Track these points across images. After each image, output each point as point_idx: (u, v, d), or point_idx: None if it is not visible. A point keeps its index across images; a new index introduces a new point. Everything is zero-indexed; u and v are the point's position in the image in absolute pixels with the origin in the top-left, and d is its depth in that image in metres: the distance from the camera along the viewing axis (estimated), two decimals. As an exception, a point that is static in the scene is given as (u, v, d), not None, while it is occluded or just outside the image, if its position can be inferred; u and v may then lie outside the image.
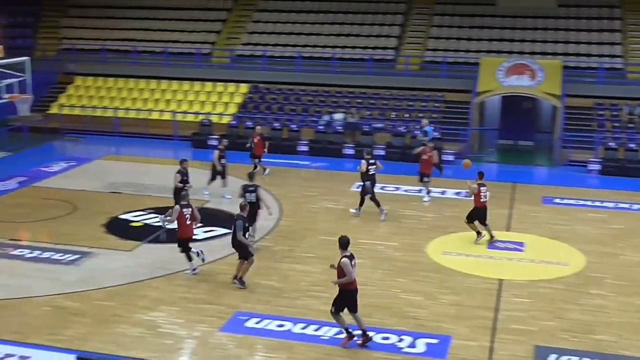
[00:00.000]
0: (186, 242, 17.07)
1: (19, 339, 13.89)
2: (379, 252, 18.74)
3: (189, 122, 32.20)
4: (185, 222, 16.83)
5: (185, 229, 16.90)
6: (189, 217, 16.87)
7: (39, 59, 35.93)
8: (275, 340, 14.02)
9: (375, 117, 31.63)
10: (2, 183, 24.44)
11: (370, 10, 36.52)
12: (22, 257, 18.10)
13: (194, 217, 17.02)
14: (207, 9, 38.27)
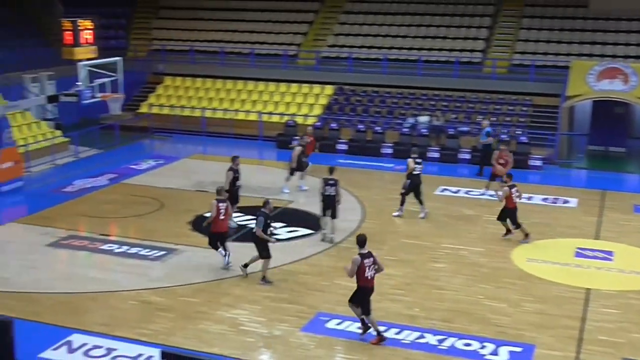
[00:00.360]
0: (217, 237, 17.31)
1: (106, 331, 14.26)
2: (462, 257, 18.50)
3: (274, 123, 32.48)
4: (219, 217, 17.06)
5: (219, 223, 17.15)
6: (223, 212, 17.11)
7: (130, 59, 36.80)
8: (356, 342, 14.00)
9: (460, 121, 31.27)
10: (93, 179, 25.13)
11: (458, 12, 36.15)
12: (111, 252, 18.58)
13: (228, 213, 17.37)
14: (294, 10, 38.54)
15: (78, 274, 17.37)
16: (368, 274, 13.85)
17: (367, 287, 13.93)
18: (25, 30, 36.30)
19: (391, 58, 34.23)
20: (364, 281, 13.88)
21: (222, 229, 17.26)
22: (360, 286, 13.92)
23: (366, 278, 13.85)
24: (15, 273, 17.16)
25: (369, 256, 13.92)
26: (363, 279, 13.85)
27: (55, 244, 19.07)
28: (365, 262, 13.80)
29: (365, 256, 13.85)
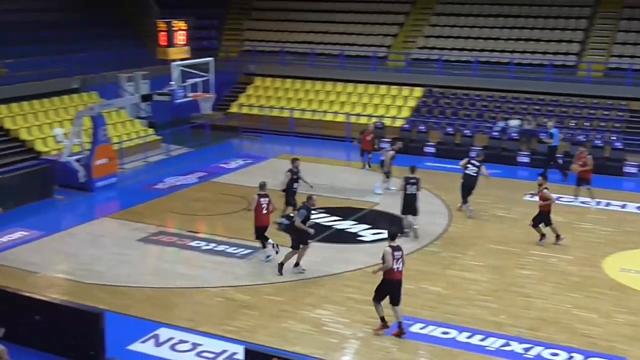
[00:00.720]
0: (261, 230, 17.84)
1: (192, 327, 14.52)
2: (551, 264, 18.08)
3: (362, 125, 32.39)
4: (261, 211, 17.65)
5: (261, 217, 17.73)
6: (265, 207, 17.64)
7: (222, 59, 37.43)
8: (439, 347, 13.87)
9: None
10: (183, 177, 25.64)
11: (552, 14, 35.37)
12: (199, 249, 18.92)
13: (271, 207, 17.85)
14: (385, 12, 38.45)
15: (167, 269, 17.76)
16: (395, 267, 14.09)
17: (394, 279, 14.16)
18: (122, 31, 37.37)
19: (482, 60, 33.78)
20: (390, 273, 14.11)
21: (264, 222, 17.84)
22: (386, 279, 14.19)
23: (393, 270, 14.08)
24: (108, 267, 17.66)
25: (398, 249, 14.19)
26: (389, 271, 14.09)
27: (145, 239, 19.55)
28: (395, 254, 14.06)
29: (395, 249, 14.13)
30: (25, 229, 20.14)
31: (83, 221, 21.38)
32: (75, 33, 34.42)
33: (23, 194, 22.39)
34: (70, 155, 24.30)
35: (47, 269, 17.45)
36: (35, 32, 32.53)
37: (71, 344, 13.10)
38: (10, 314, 13.00)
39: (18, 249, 18.79)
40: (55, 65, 30.08)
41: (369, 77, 35.12)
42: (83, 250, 18.97)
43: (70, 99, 30.04)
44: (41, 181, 23.20)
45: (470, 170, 21.86)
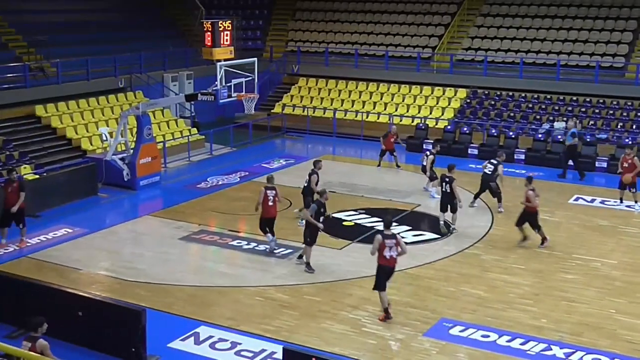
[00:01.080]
0: (266, 222, 18.35)
1: (232, 325, 14.59)
2: (595, 269, 17.80)
3: (405, 126, 32.29)
4: (267, 203, 18.13)
5: (267, 209, 18.19)
6: (272, 199, 18.13)
7: (266, 60, 37.62)
8: (479, 350, 13.74)
9: (599, 128, 30.13)
10: (226, 177, 25.79)
11: (601, 15, 34.83)
12: (240, 248, 19.01)
13: (278, 199, 18.33)
14: (431, 13, 38.25)
15: (207, 268, 17.90)
16: (387, 254, 14.48)
17: (386, 266, 14.60)
18: (168, 31, 37.74)
19: (528, 62, 33.42)
20: (383, 260, 14.57)
21: (268, 214, 18.29)
22: (380, 264, 14.65)
23: (385, 257, 14.51)
24: (150, 265, 17.84)
25: (391, 237, 14.57)
26: (382, 258, 14.54)
27: (187, 238, 19.70)
28: (386, 242, 14.46)
29: (387, 237, 14.53)
30: (70, 226, 20.45)
31: (126, 219, 21.65)
32: (121, 33, 34.87)
33: (68, 191, 22.74)
34: (115, 154, 24.61)
35: (90, 266, 17.69)
36: (82, 33, 33.04)
37: (112, 341, 13.26)
38: (54, 309, 13.18)
39: (62, 245, 19.08)
40: (101, 64, 30.48)
41: (413, 78, 34.96)
42: (125, 248, 19.20)
43: (116, 98, 30.41)
44: (86, 179, 23.54)
45: (487, 169, 22.34)
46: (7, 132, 25.88)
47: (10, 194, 18.71)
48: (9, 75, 27.41)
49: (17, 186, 18.75)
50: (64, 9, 34.01)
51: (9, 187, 18.78)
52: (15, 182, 18.83)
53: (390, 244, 14.49)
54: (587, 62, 32.53)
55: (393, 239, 14.56)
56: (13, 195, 18.67)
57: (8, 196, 18.72)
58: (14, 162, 24.01)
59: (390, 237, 14.56)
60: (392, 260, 14.61)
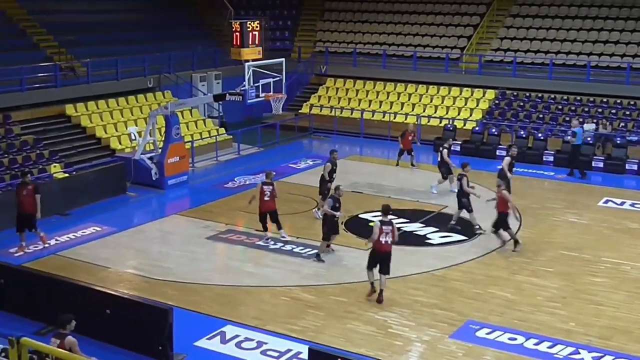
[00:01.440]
0: (262, 215, 19.10)
1: (258, 325, 14.64)
2: (624, 272, 17.62)
3: (433, 127, 32.21)
4: (263, 198, 18.92)
5: (262, 203, 18.98)
6: (268, 194, 18.89)
7: (294, 60, 37.67)
8: (506, 353, 13.66)
9: (629, 130, 29.82)
10: (253, 176, 25.82)
11: (633, 16, 34.45)
12: (267, 248, 19.06)
13: (274, 194, 19.02)
14: (460, 14, 38.09)
15: (234, 267, 17.96)
16: (383, 240, 15.45)
17: (379, 250, 15.55)
18: (197, 31, 37.93)
19: (557, 63, 33.16)
20: (378, 244, 15.53)
21: (264, 208, 19.00)
22: (374, 249, 15.66)
23: (380, 242, 15.47)
24: (177, 264, 17.94)
25: (388, 224, 15.57)
26: (377, 242, 15.50)
27: (214, 237, 19.79)
28: (383, 228, 15.43)
29: (384, 223, 15.55)
30: (98, 225, 20.63)
31: (154, 218, 21.80)
32: (151, 33, 35.13)
33: (97, 190, 22.95)
34: (144, 153, 24.78)
35: (118, 264, 17.83)
36: (112, 33, 33.30)
37: (140, 339, 13.36)
38: (82, 307, 13.31)
39: (91, 244, 19.26)
40: (131, 64, 30.72)
41: (441, 78, 34.83)
42: (153, 247, 19.33)
43: (145, 97, 30.63)
44: (115, 178, 23.74)
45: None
46: (38, 131, 26.17)
47: (25, 197, 18.22)
48: (40, 75, 27.71)
49: (32, 189, 18.31)
50: (95, 9, 34.33)
51: (24, 189, 18.29)
52: (30, 184, 18.40)
53: (387, 230, 15.46)
54: (618, 63, 32.20)
55: (390, 225, 15.57)
56: (28, 199, 18.21)
57: (23, 200, 18.25)
58: (44, 160, 24.28)
59: (388, 224, 15.56)
60: (387, 245, 15.53)
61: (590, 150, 28.22)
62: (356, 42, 38.51)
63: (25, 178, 18.48)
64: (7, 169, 23.12)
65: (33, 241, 18.89)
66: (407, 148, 27.29)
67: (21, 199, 18.29)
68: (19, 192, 18.37)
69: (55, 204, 21.49)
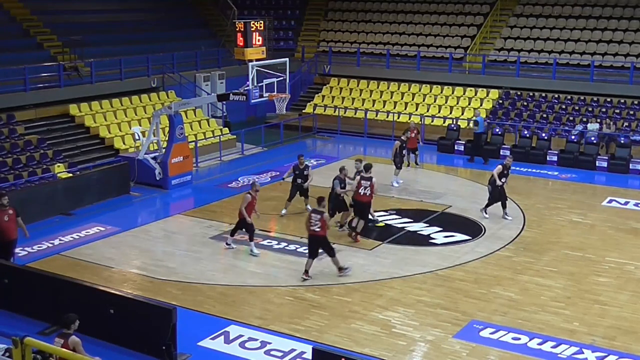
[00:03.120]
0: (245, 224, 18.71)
1: (262, 325, 14.63)
2: (629, 272, 17.59)
3: (436, 126, 32.20)
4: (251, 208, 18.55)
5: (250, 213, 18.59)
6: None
7: (298, 60, 37.66)
8: (510, 353, 13.64)
9: (633, 129, 29.77)
10: (257, 176, 25.81)
11: (637, 16, 34.39)
12: (271, 248, 19.06)
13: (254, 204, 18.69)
14: (464, 13, 38.05)
15: (238, 267, 17.94)
16: (362, 192, 18.92)
17: (360, 200, 19.02)
18: (200, 31, 37.95)
19: (561, 62, 33.12)
20: (357, 195, 19.04)
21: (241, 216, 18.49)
22: (355, 199, 19.11)
23: (359, 193, 18.96)
24: (180, 263, 17.94)
25: (368, 180, 18.96)
26: (357, 194, 18.98)
27: (218, 237, 19.78)
28: (362, 182, 18.93)
29: (364, 179, 18.97)
30: (102, 225, 20.64)
31: (158, 218, 21.82)
32: (154, 33, 35.16)
33: (101, 190, 22.97)
34: (147, 153, 24.79)
35: (122, 264, 17.84)
36: (115, 33, 33.34)
37: (143, 339, 13.36)
38: (86, 307, 13.31)
39: (95, 243, 19.26)
40: (134, 64, 30.75)
41: (445, 78, 34.82)
42: (157, 247, 19.34)
43: (149, 97, 30.64)
44: (118, 178, 23.76)
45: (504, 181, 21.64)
46: (42, 131, 26.20)
47: (6, 223, 16.00)
48: (44, 74, 27.73)
49: (13, 214, 16.17)
50: (98, 9, 34.38)
51: (4, 215, 15.98)
52: (9, 208, 16.12)
53: (366, 185, 18.84)
54: (622, 63, 32.16)
55: (369, 181, 18.85)
56: (11, 225, 16.10)
57: (4, 226, 15.99)
58: (48, 160, 24.29)
59: (367, 179, 18.88)
60: (365, 196, 18.86)
61: (594, 150, 28.20)
62: (360, 42, 38.50)
63: (3, 200, 16.07)
64: (10, 169, 23.14)
65: (35, 241, 18.90)
66: (412, 147, 26.91)
67: (2, 226, 16.04)
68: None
69: (59, 204, 21.53)
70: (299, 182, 21.66)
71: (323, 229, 16.55)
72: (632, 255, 18.67)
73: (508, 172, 21.50)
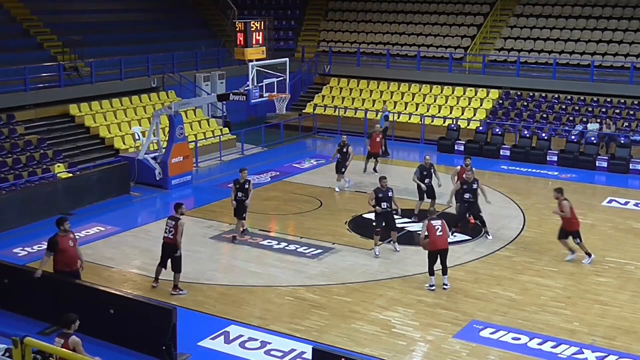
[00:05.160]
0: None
1: (262, 325, 14.64)
2: (629, 272, 17.59)
3: (436, 126, 32.20)
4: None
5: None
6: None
7: (298, 60, 37.65)
8: (509, 352, 13.65)
9: (633, 129, 29.77)
10: (257, 176, 25.84)
11: (637, 16, 34.39)
12: (271, 248, 19.05)
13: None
14: (464, 13, 38.05)
15: (238, 267, 17.93)
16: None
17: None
18: (201, 31, 37.93)
19: (561, 62, 33.12)
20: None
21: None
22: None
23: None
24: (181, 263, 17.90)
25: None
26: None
27: (218, 237, 19.78)
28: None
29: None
30: (102, 225, 20.65)
31: (158, 218, 21.75)
32: (154, 33, 35.16)
33: (101, 190, 22.98)
34: (147, 153, 24.79)
35: (122, 264, 17.85)
36: (116, 33, 33.34)
37: (143, 339, 13.36)
38: (86, 307, 13.31)
39: (95, 243, 19.26)
40: (134, 64, 30.75)
41: (445, 78, 34.81)
42: (157, 247, 19.11)
43: (149, 97, 30.64)
44: (118, 178, 23.76)
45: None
46: (42, 131, 26.19)
47: (72, 249, 14.65)
48: (44, 74, 27.74)
49: (75, 239, 14.90)
50: (98, 9, 34.38)
51: (68, 240, 14.57)
52: (70, 232, 14.77)
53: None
54: (622, 63, 32.16)
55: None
56: (75, 252, 14.79)
57: (70, 253, 14.63)
58: (48, 160, 24.29)
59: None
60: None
61: (594, 150, 28.20)
62: (360, 42, 38.49)
63: (65, 225, 14.59)
64: (10, 169, 23.13)
65: (35, 241, 18.89)
66: (375, 152, 26.33)
67: (69, 253, 14.62)
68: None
69: (59, 204, 21.52)
70: (240, 197, 19.32)
71: (175, 237, 15.66)
72: (632, 255, 18.67)
73: (429, 172, 21.32)
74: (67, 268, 14.49)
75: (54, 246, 14.34)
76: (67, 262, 14.51)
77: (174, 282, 15.83)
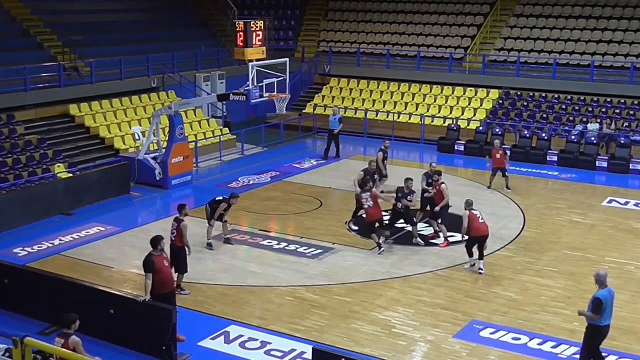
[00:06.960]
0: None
1: (262, 325, 14.63)
2: (629, 272, 17.59)
3: (436, 126, 32.20)
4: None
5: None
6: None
7: (298, 60, 37.65)
8: (509, 353, 13.65)
9: (633, 129, 29.77)
10: (257, 176, 25.86)
11: (637, 16, 34.39)
12: (271, 248, 19.06)
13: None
14: (464, 13, 38.04)
15: (238, 267, 17.94)
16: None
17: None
18: (201, 31, 37.92)
19: (561, 62, 33.12)
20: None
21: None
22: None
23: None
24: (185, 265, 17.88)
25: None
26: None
27: (218, 237, 19.76)
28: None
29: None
30: (102, 225, 20.65)
31: (158, 218, 21.80)
32: (154, 33, 35.16)
33: (101, 190, 22.98)
34: (147, 153, 24.79)
35: (122, 264, 17.85)
36: (116, 33, 33.35)
37: (143, 339, 13.36)
38: (86, 307, 13.32)
39: (95, 243, 19.27)
40: (134, 64, 30.75)
41: (445, 78, 34.81)
42: (157, 247, 19.27)
43: (149, 97, 30.64)
44: (119, 178, 23.76)
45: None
46: (42, 130, 26.19)
47: (167, 268, 13.96)
48: (44, 74, 27.73)
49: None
50: (98, 9, 34.38)
51: (163, 260, 13.91)
52: (162, 252, 14.02)
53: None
54: (622, 63, 32.16)
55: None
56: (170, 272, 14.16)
57: (165, 272, 13.87)
58: (48, 160, 24.30)
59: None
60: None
61: (594, 150, 28.20)
62: (360, 42, 38.50)
63: (161, 244, 13.96)
64: (10, 169, 23.14)
65: (35, 241, 18.90)
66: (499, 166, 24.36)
67: (164, 273, 13.90)
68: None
69: (59, 204, 21.54)
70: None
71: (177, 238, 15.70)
72: (632, 255, 18.67)
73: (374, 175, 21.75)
74: (162, 290, 13.64)
75: (152, 266, 13.56)
76: (163, 284, 13.70)
77: (177, 282, 15.79)
